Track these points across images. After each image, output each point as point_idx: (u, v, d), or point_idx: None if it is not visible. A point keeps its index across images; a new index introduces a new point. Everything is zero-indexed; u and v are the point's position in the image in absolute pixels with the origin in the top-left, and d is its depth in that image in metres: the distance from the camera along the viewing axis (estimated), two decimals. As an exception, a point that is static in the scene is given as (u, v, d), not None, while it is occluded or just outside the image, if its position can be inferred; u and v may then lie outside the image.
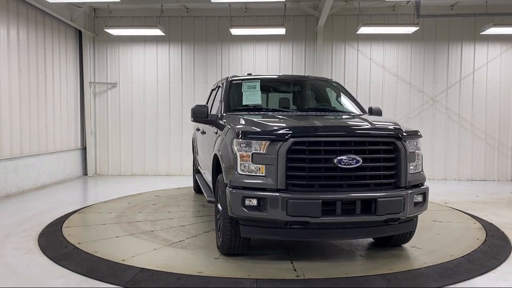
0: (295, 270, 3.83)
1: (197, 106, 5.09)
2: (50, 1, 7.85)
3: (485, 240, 4.77)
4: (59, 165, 9.13)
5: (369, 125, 4.04)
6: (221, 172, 4.18)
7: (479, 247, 4.51)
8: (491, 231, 5.18)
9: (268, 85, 5.67)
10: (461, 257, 4.19)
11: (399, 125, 4.04)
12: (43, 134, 8.53)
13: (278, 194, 3.57)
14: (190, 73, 10.17)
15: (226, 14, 9.57)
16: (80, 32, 9.96)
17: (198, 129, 6.65)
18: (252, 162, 3.69)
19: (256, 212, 3.63)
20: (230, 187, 3.78)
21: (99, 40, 10.18)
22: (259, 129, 3.84)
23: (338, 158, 3.61)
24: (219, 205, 4.31)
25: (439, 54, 9.89)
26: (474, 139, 9.91)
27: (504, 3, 9.04)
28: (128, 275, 3.69)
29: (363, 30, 9.05)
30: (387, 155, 3.79)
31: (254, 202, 3.64)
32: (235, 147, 3.80)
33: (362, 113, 5.08)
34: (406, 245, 4.55)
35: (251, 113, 4.77)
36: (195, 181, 7.43)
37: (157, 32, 9.32)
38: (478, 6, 9.19)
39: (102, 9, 9.95)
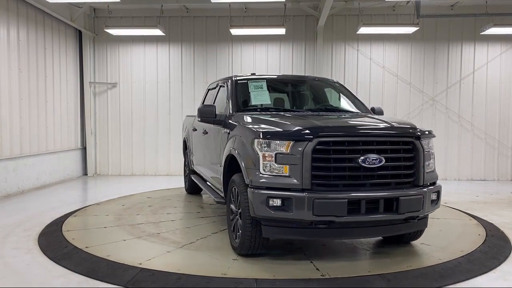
0: (318, 269, 3.84)
1: (204, 106, 5.08)
2: (50, 1, 7.85)
3: (485, 240, 4.78)
4: (59, 165, 9.12)
5: (389, 125, 4.12)
6: (235, 172, 4.21)
7: (479, 247, 4.52)
8: (491, 231, 5.19)
9: (274, 85, 5.66)
10: (465, 255, 4.23)
11: (415, 125, 4.14)
12: (43, 134, 8.53)
13: (304, 194, 3.57)
14: (190, 73, 10.17)
15: (226, 14, 9.57)
16: (80, 32, 9.96)
17: (194, 129, 6.59)
18: (275, 162, 3.68)
19: (280, 212, 3.63)
20: (252, 188, 3.77)
21: (99, 40, 10.18)
22: (281, 129, 3.85)
23: (363, 157, 3.66)
24: (232, 206, 4.31)
25: (439, 54, 9.89)
26: (474, 139, 9.91)
27: (504, 3, 9.04)
28: (128, 275, 3.69)
29: (363, 30, 9.05)
30: (407, 154, 3.87)
31: (278, 202, 3.63)
32: (257, 147, 3.78)
33: (369, 113, 5.16)
34: (415, 242, 4.61)
35: (263, 112, 4.78)
36: (189, 182, 7.31)
37: (157, 32, 9.32)
38: (478, 6, 9.19)
39: (102, 9, 9.95)
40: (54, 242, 4.65)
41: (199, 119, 5.17)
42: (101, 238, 4.82)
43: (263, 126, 4.00)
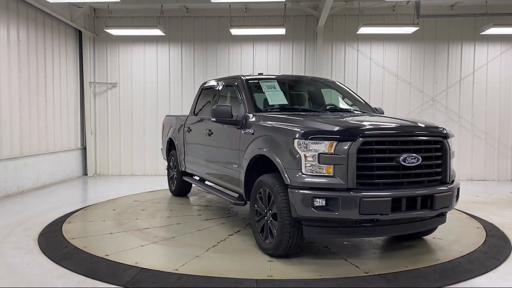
0: (357, 267, 3.87)
1: (219, 106, 5.00)
2: (50, 1, 7.85)
3: (485, 240, 4.78)
4: (59, 165, 9.12)
5: (420, 125, 4.26)
6: (259, 173, 4.30)
7: (479, 247, 4.52)
8: (491, 231, 5.19)
9: (284, 85, 5.65)
10: (465, 255, 4.25)
11: (438, 125, 4.32)
12: (43, 134, 8.53)
13: (351, 193, 3.60)
14: (190, 73, 10.17)
15: (226, 14, 9.57)
16: (80, 32, 9.96)
17: (189, 130, 6.54)
18: (318, 162, 3.70)
19: (326, 212, 3.64)
20: (293, 188, 3.77)
21: (99, 40, 10.18)
22: (323, 129, 3.87)
23: (403, 156, 3.77)
24: (257, 206, 4.32)
25: (439, 54, 9.89)
26: (474, 139, 9.91)
27: (504, 3, 9.04)
28: (128, 275, 3.69)
29: (363, 30, 9.05)
30: (437, 153, 4.06)
31: (323, 202, 3.64)
32: (297, 147, 3.78)
33: (378, 113, 5.27)
34: (428, 237, 4.77)
35: (284, 112, 4.78)
36: (179, 184, 7.14)
37: (157, 32, 9.32)
38: (478, 6, 9.19)
39: (102, 9, 9.95)
40: (54, 242, 4.65)
41: (214, 119, 5.10)
42: (115, 244, 4.56)
43: (304, 126, 3.96)
